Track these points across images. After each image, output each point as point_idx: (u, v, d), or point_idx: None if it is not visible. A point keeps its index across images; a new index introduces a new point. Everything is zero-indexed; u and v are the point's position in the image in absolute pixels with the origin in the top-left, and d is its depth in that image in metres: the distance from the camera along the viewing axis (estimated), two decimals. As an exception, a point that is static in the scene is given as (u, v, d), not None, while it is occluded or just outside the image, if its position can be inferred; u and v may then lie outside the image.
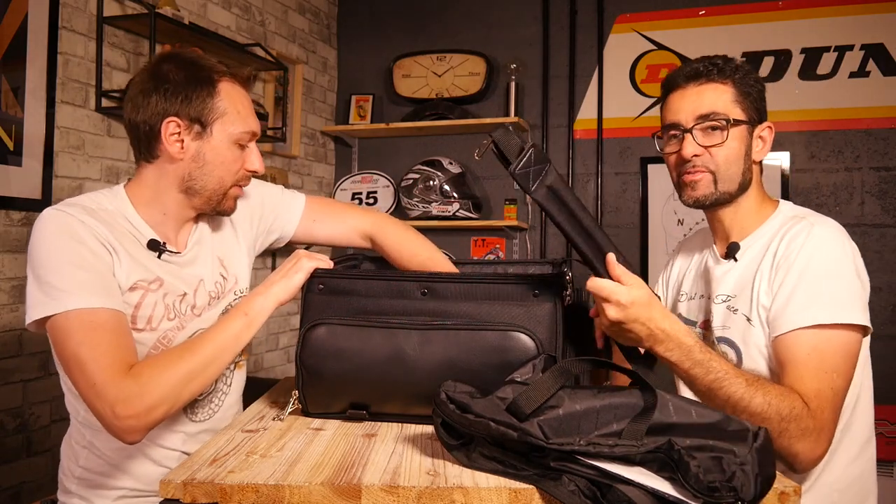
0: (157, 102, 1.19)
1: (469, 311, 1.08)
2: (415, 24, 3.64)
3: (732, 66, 1.25)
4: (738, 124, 1.23)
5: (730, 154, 1.23)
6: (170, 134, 1.20)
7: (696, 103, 1.25)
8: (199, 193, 1.24)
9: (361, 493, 0.79)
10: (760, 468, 0.76)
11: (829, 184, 3.10)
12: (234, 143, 1.24)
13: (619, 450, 0.75)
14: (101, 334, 1.08)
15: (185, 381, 1.09)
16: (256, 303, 1.18)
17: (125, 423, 1.05)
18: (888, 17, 3.02)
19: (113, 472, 1.22)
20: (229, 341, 1.15)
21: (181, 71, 1.20)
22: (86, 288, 1.09)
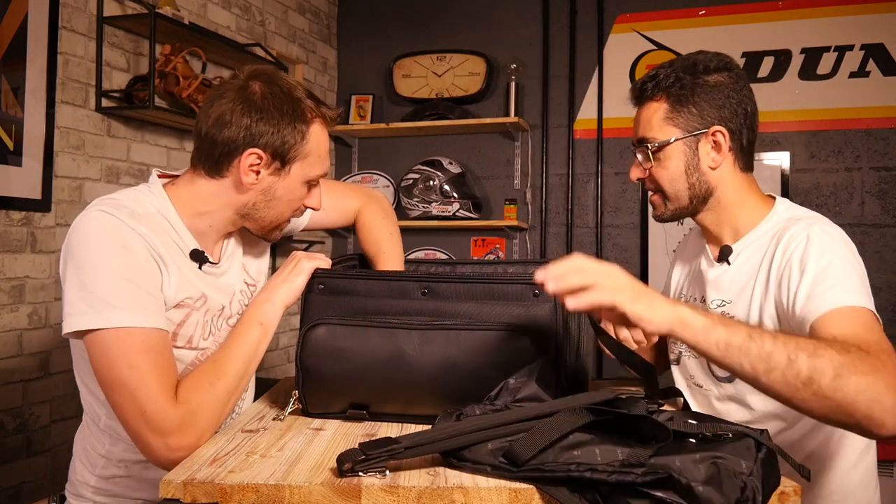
0: (245, 127, 1.13)
1: (469, 311, 1.08)
2: (415, 24, 3.64)
3: (673, 75, 1.22)
4: (664, 146, 1.22)
5: (668, 173, 1.23)
6: (249, 164, 1.14)
7: (635, 127, 1.28)
8: (256, 221, 1.22)
9: (361, 493, 0.79)
10: (766, 479, 0.76)
11: (829, 184, 3.10)
12: (305, 182, 1.21)
13: (615, 477, 0.73)
14: (151, 358, 1.05)
15: (225, 401, 1.10)
16: (266, 310, 1.17)
17: (178, 454, 1.02)
18: (888, 17, 3.02)
19: (131, 482, 1.21)
20: (251, 353, 1.15)
21: (277, 101, 1.14)
22: (136, 304, 1.05)
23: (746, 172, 1.26)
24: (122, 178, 2.33)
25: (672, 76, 1.22)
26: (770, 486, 0.76)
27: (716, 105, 1.21)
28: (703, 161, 1.22)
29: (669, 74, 1.22)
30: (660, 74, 1.23)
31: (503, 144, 3.51)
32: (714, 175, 1.23)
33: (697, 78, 1.21)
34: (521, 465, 0.79)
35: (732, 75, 1.23)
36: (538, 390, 0.97)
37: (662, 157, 1.23)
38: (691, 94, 1.21)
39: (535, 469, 0.78)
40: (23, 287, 1.99)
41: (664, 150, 1.22)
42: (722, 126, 1.21)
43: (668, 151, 1.22)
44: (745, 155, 1.25)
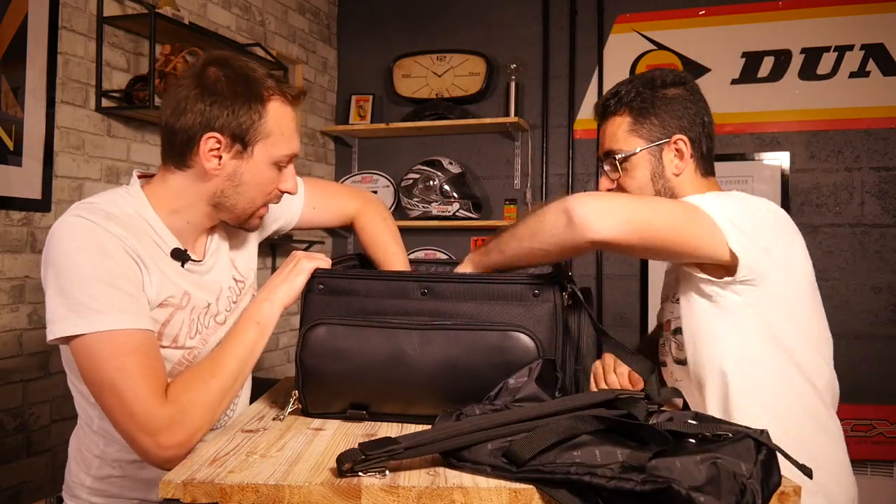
0: (200, 112, 1.11)
1: (469, 311, 1.08)
2: (415, 24, 3.64)
3: (633, 90, 1.30)
4: (629, 157, 1.30)
5: (635, 182, 1.30)
6: (209, 149, 1.13)
7: (601, 141, 1.36)
8: (229, 210, 1.19)
9: (361, 493, 0.79)
10: (765, 480, 0.75)
11: (829, 184, 3.10)
12: (273, 164, 1.17)
13: (614, 483, 0.72)
14: (137, 359, 1.05)
15: (218, 400, 1.09)
16: (265, 310, 1.17)
17: (169, 452, 1.03)
18: (888, 17, 3.02)
19: (126, 482, 1.21)
20: (247, 353, 1.15)
21: (231, 82, 1.12)
22: (117, 307, 1.04)
23: (708, 177, 1.34)
24: (122, 178, 2.33)
25: (633, 91, 1.30)
26: (770, 487, 0.76)
27: (675, 115, 1.29)
28: (667, 168, 1.30)
29: (630, 90, 1.31)
30: (621, 91, 1.32)
31: (503, 144, 3.51)
32: (678, 181, 1.30)
33: (656, 91, 1.30)
34: (521, 466, 0.79)
35: (688, 88, 1.31)
36: (538, 390, 0.97)
37: (629, 168, 1.31)
38: (652, 107, 1.29)
39: (534, 470, 0.78)
40: (23, 287, 1.99)
41: (630, 161, 1.30)
42: (683, 135, 1.29)
43: (635, 161, 1.30)
44: (706, 161, 1.32)
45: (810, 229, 3.09)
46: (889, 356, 2.94)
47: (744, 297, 1.17)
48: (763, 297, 1.16)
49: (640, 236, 1.08)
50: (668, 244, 1.10)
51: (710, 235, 1.10)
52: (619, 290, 3.32)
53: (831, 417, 1.24)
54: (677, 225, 1.10)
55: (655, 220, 1.09)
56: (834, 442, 1.24)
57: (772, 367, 1.19)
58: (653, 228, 1.09)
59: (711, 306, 1.20)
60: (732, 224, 1.11)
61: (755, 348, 1.19)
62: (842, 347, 3.06)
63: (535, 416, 0.85)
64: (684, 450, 0.77)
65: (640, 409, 0.84)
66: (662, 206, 1.14)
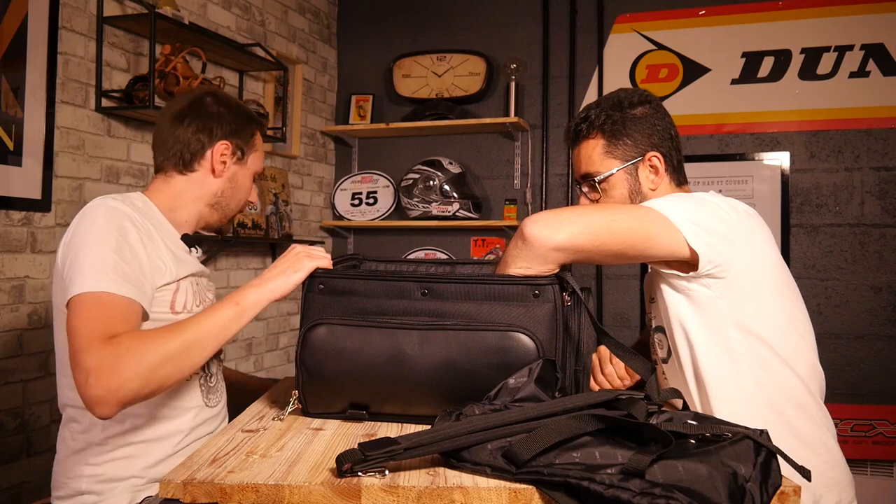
0: (215, 127, 1.38)
1: (469, 312, 1.08)
2: (415, 24, 3.64)
3: (603, 114, 1.34)
4: (608, 178, 1.34)
5: (614, 201, 1.34)
6: (220, 154, 1.38)
7: (577, 164, 1.40)
8: (223, 210, 1.43)
9: (361, 493, 0.79)
10: (764, 482, 0.75)
11: (829, 184, 3.10)
12: (253, 174, 1.46)
13: (611, 492, 0.72)
14: (105, 311, 1.11)
15: (160, 360, 1.08)
16: (250, 295, 1.18)
17: (94, 392, 1.05)
18: (888, 17, 3.02)
19: (122, 463, 1.24)
20: (216, 328, 1.15)
21: (237, 110, 1.42)
22: (112, 273, 1.14)
23: (682, 186, 1.38)
24: (122, 178, 2.33)
25: (603, 115, 1.34)
26: (770, 489, 0.76)
27: (646, 133, 1.34)
28: (643, 184, 1.34)
29: (600, 114, 1.35)
30: (591, 115, 1.36)
31: (503, 144, 3.51)
32: (654, 195, 1.33)
33: (625, 112, 1.34)
34: (520, 466, 0.79)
35: (654, 106, 1.36)
36: (537, 390, 0.97)
37: (608, 188, 1.35)
38: (623, 128, 1.33)
39: (534, 472, 0.78)
40: (23, 287, 1.99)
41: (609, 181, 1.34)
42: (655, 151, 1.34)
43: (613, 181, 1.34)
44: (678, 172, 1.37)
45: (810, 229, 3.09)
46: (889, 356, 2.94)
47: (713, 290, 1.19)
48: (732, 289, 1.18)
49: (597, 239, 1.11)
50: (626, 244, 1.13)
51: (667, 233, 1.13)
52: (619, 290, 3.32)
53: (818, 406, 1.25)
54: (633, 225, 1.13)
55: (609, 222, 1.12)
56: (823, 429, 1.24)
57: (750, 358, 1.20)
58: (607, 230, 1.11)
59: (684, 301, 1.22)
60: (688, 220, 1.14)
61: (731, 340, 1.20)
62: (842, 347, 3.08)
63: (534, 416, 0.85)
64: (685, 452, 0.76)
65: (639, 409, 0.84)
66: (613, 209, 1.17)
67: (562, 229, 1.10)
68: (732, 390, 1.20)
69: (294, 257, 1.20)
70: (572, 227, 1.10)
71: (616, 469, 0.74)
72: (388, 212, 3.53)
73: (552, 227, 1.10)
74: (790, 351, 1.22)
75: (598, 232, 1.11)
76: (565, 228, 1.10)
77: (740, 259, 1.17)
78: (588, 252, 1.13)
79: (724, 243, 1.16)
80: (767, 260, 1.23)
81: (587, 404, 0.87)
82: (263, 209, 2.97)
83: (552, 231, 1.10)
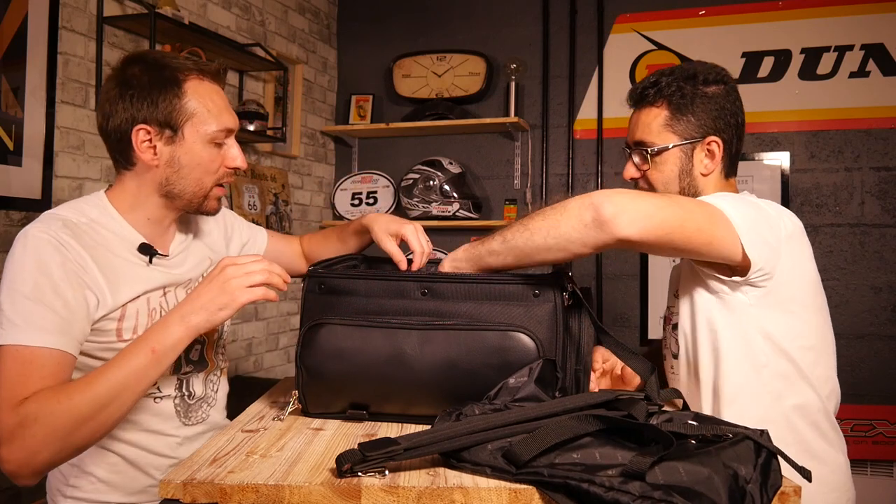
0: (124, 110, 1.15)
1: (469, 311, 1.08)
2: (415, 24, 3.63)
3: (674, 83, 1.27)
4: (662, 151, 1.28)
5: (662, 177, 1.29)
6: (141, 142, 1.16)
7: (633, 129, 1.33)
8: (180, 197, 1.21)
9: (361, 493, 0.79)
10: (764, 483, 0.75)
11: (829, 184, 3.10)
12: (208, 142, 1.19)
13: (611, 495, 0.71)
14: (18, 368, 1.02)
15: (73, 424, 1.00)
16: (169, 335, 1.06)
17: (9, 466, 0.99)
18: (888, 17, 3.02)
19: (103, 487, 1.20)
20: (131, 379, 1.04)
21: (145, 74, 1.16)
22: (33, 323, 1.04)
23: (729, 178, 1.34)
24: (122, 178, 2.33)
25: (674, 84, 1.28)
26: (770, 489, 0.76)
27: (712, 116, 1.27)
28: (696, 167, 1.29)
29: (671, 83, 1.28)
30: (661, 81, 1.29)
31: (503, 144, 3.51)
32: (703, 181, 1.30)
33: (697, 88, 1.27)
34: (520, 467, 0.79)
35: (728, 88, 1.29)
36: (537, 390, 0.97)
37: (659, 161, 1.29)
38: (691, 104, 1.27)
39: (534, 473, 0.78)
40: (23, 287, 1.99)
41: (661, 155, 1.29)
42: (717, 136, 1.28)
43: (665, 156, 1.29)
44: (732, 163, 1.33)
45: (810, 229, 3.09)
46: (889, 356, 2.94)
47: (748, 297, 1.17)
48: (768, 299, 1.17)
49: (667, 237, 1.07)
50: (691, 244, 1.10)
51: (728, 238, 1.11)
52: (619, 290, 3.32)
53: (832, 426, 1.24)
54: (702, 226, 1.10)
55: (683, 221, 1.08)
56: (836, 448, 1.23)
57: (773, 371, 1.19)
58: (680, 229, 1.08)
59: (717, 303, 1.20)
60: (749, 227, 1.11)
61: (757, 350, 1.19)
62: (842, 347, 3.06)
63: (535, 416, 0.85)
64: (686, 453, 0.76)
65: (639, 409, 0.84)
66: (687, 207, 1.12)
67: (638, 222, 1.04)
68: (749, 400, 1.19)
69: (222, 287, 1.07)
70: (650, 220, 1.05)
71: (616, 470, 0.74)
72: (388, 212, 3.53)
73: (630, 217, 1.03)
74: (814, 368, 1.21)
75: (671, 230, 1.07)
76: (643, 221, 1.04)
77: (783, 271, 1.16)
78: (650, 246, 1.09)
79: (773, 254, 1.14)
80: (807, 276, 1.22)
81: (587, 404, 0.87)
82: (263, 209, 2.97)
83: (630, 222, 1.03)
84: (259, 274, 1.08)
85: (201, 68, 1.19)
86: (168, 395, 1.25)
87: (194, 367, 1.30)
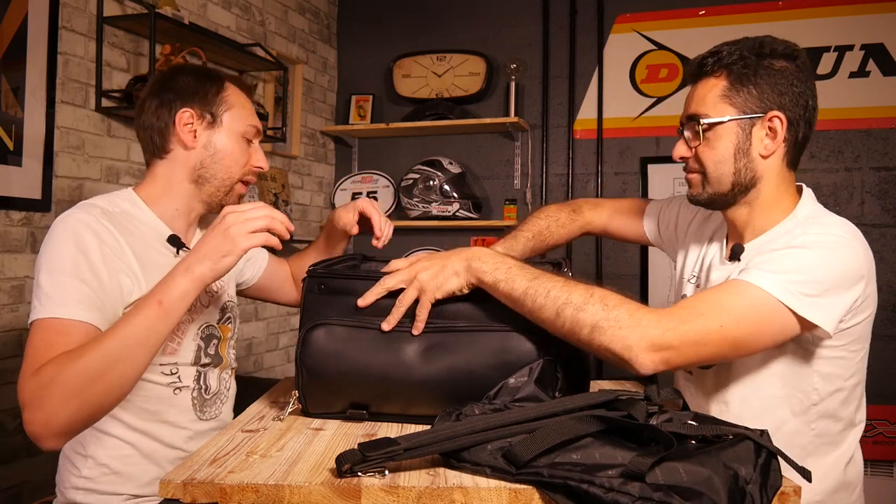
0: (171, 100, 1.26)
1: (469, 313, 1.08)
2: (415, 24, 3.63)
3: (737, 52, 1.15)
4: (716, 125, 1.16)
5: (715, 154, 1.17)
6: (184, 124, 1.25)
7: (688, 103, 1.22)
8: (210, 182, 1.28)
9: (361, 493, 0.79)
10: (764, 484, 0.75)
11: (829, 184, 3.10)
12: (241, 135, 1.30)
13: (611, 496, 0.71)
14: (49, 337, 1.06)
15: (85, 382, 1.01)
16: (175, 287, 1.06)
17: (33, 428, 1.02)
18: (888, 17, 3.02)
19: (115, 479, 1.22)
20: (140, 334, 1.04)
21: (190, 74, 1.30)
22: (67, 296, 1.08)
23: (791, 170, 1.21)
24: (122, 178, 2.33)
25: (736, 53, 1.16)
26: (770, 489, 0.76)
27: (777, 90, 1.14)
28: (754, 147, 1.16)
29: (733, 52, 1.16)
30: (723, 50, 1.17)
31: (503, 144, 3.51)
32: (762, 164, 1.17)
33: (763, 59, 1.15)
34: (520, 467, 0.79)
35: (799, 64, 1.16)
36: (537, 390, 0.97)
37: (712, 137, 1.17)
38: (753, 75, 1.15)
39: (534, 473, 0.78)
40: (23, 287, 1.99)
41: (715, 130, 1.16)
42: (781, 112, 1.14)
43: (720, 131, 1.16)
44: (797, 151, 1.19)
45: (810, 229, 3.09)
46: (889, 356, 2.94)
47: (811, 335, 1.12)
48: (835, 339, 1.13)
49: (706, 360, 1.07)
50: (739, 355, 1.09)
51: (780, 329, 1.06)
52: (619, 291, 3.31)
53: (858, 470, 1.23)
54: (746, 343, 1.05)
55: (719, 349, 1.04)
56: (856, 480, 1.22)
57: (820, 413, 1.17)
58: (718, 355, 1.06)
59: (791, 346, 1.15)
60: (829, 316, 1.06)
61: (809, 389, 1.16)
62: (842, 347, 3.07)
63: (535, 416, 0.85)
64: (686, 453, 0.76)
65: (639, 409, 0.84)
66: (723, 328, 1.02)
67: (668, 364, 1.02)
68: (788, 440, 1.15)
69: (224, 235, 1.06)
70: (681, 360, 1.03)
71: (616, 471, 0.74)
72: (388, 212, 3.53)
73: (657, 365, 1.01)
74: (858, 413, 1.21)
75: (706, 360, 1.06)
76: (671, 362, 1.02)
77: (852, 317, 1.12)
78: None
79: (848, 310, 1.10)
80: (869, 311, 1.16)
81: (587, 405, 0.87)
82: (263, 209, 2.97)
83: (659, 366, 1.01)
84: (260, 220, 1.07)
85: (237, 78, 1.35)
86: (187, 387, 1.28)
87: (212, 360, 1.34)
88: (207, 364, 1.33)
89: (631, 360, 1.01)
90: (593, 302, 1.02)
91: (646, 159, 3.29)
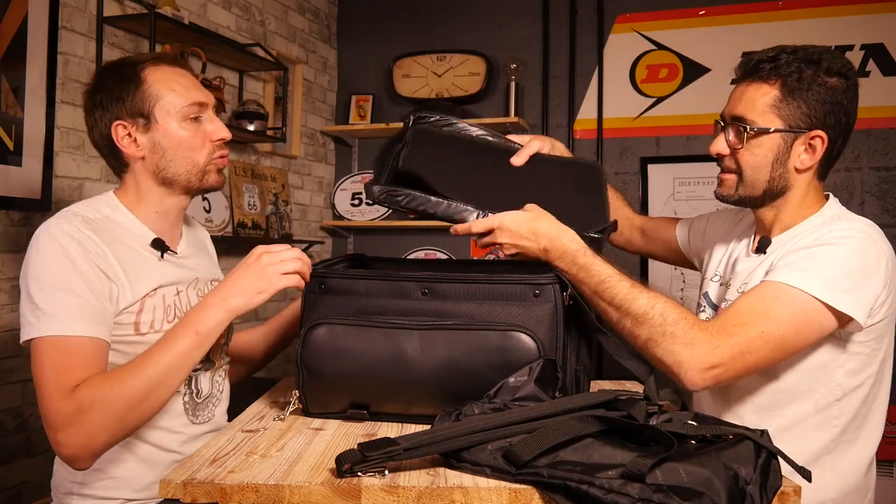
0: (101, 116, 1.23)
1: (469, 311, 1.08)
2: (415, 24, 3.63)
3: (795, 63, 1.16)
4: (761, 134, 1.18)
5: (754, 160, 1.20)
6: (121, 137, 1.23)
7: (735, 102, 1.22)
8: (177, 179, 1.26)
9: (361, 493, 0.79)
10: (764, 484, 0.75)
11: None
12: (182, 119, 1.24)
13: (611, 497, 0.71)
14: (62, 357, 1.06)
15: (127, 407, 1.06)
16: (210, 317, 1.12)
17: (67, 451, 1.04)
18: (888, 17, 3.02)
19: (110, 483, 1.22)
20: (177, 362, 1.10)
21: (109, 78, 1.24)
22: (69, 313, 1.09)
23: (821, 181, 1.28)
24: (122, 178, 2.33)
25: (793, 64, 1.16)
26: (770, 489, 0.76)
27: (825, 109, 1.17)
28: (792, 159, 1.20)
29: (791, 62, 1.16)
30: (781, 58, 1.17)
31: (503, 144, 3.51)
32: (796, 176, 1.22)
33: (818, 75, 1.16)
34: (520, 467, 0.79)
35: (849, 84, 1.18)
36: (537, 390, 0.97)
37: (755, 144, 1.19)
38: (806, 90, 1.16)
39: (534, 473, 0.78)
40: (23, 287, 1.99)
41: (759, 137, 1.19)
42: (823, 132, 1.18)
43: (763, 139, 1.19)
44: (829, 164, 1.26)
45: (810, 229, 3.09)
46: (889, 356, 2.94)
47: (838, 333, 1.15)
48: (863, 335, 1.15)
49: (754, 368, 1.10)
50: (785, 356, 1.12)
51: (819, 326, 1.10)
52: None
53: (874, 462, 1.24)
54: (789, 344, 1.10)
55: (765, 354, 1.08)
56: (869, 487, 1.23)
57: (842, 412, 1.18)
58: (764, 360, 1.09)
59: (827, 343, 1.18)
60: (860, 305, 1.10)
61: (833, 385, 1.17)
62: (842, 347, 3.07)
63: (535, 416, 0.86)
64: (686, 453, 0.76)
65: (639, 410, 0.84)
66: (764, 332, 1.08)
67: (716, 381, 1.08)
68: (803, 440, 1.17)
69: (260, 273, 1.13)
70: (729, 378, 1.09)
71: (616, 471, 0.74)
72: (388, 212, 3.53)
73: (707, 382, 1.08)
74: (878, 417, 1.21)
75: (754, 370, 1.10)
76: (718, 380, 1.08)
77: (876, 311, 1.14)
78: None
79: (876, 298, 1.12)
80: (889, 308, 1.18)
81: (587, 405, 0.87)
82: (263, 209, 2.97)
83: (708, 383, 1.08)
84: (292, 262, 1.14)
85: (157, 56, 1.27)
86: (178, 392, 1.27)
87: (203, 364, 1.32)
88: (198, 368, 1.31)
89: (681, 377, 1.07)
90: (653, 315, 1.08)
91: (646, 159, 3.29)
